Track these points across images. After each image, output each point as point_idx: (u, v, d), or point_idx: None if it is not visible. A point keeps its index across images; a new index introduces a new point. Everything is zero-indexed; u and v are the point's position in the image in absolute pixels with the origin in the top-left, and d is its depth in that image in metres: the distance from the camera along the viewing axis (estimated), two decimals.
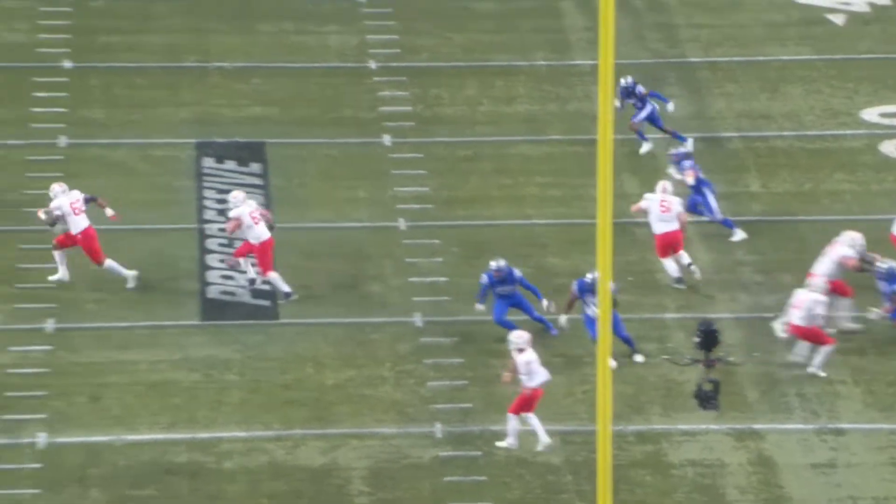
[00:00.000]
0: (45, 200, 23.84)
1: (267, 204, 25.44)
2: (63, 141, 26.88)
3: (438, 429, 21.03)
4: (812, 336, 21.94)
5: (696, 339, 20.99)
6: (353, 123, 27.67)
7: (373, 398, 21.62)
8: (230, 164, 26.59)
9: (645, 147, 26.64)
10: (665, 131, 26.60)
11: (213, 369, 22.11)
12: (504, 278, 22.38)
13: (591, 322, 21.86)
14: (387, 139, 27.26)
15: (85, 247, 23.21)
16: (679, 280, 23.68)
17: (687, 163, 25.04)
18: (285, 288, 23.27)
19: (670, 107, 26.85)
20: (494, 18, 30.74)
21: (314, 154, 26.95)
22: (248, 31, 29.97)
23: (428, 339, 22.76)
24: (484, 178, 26.46)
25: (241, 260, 23.51)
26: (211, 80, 28.62)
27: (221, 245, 24.69)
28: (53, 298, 23.28)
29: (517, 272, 22.46)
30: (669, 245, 23.64)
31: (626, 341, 22.09)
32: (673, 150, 25.59)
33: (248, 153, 26.84)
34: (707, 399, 20.98)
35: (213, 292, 23.59)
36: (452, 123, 27.79)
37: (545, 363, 20.67)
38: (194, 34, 29.81)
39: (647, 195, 23.81)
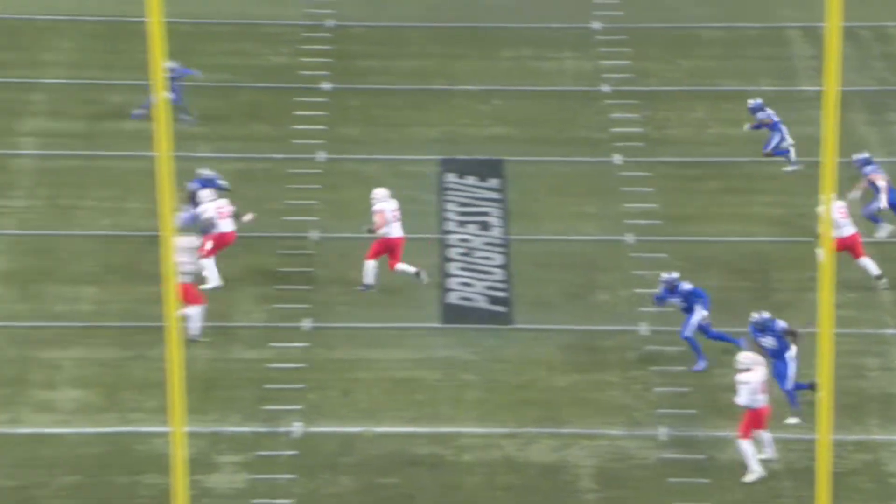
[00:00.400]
0: (303, 210, 24.57)
1: (504, 216, 25.80)
2: (321, 156, 27.62)
3: (663, 432, 21.09)
4: None
5: None
6: (586, 143, 27.85)
7: (601, 401, 21.76)
8: (471, 180, 27.03)
9: (791, 167, 26.32)
10: (767, 154, 26.16)
11: (452, 369, 22.51)
12: (672, 290, 22.23)
13: (779, 371, 21.16)
14: (617, 158, 27.36)
15: (219, 243, 23.57)
16: (879, 277, 23.33)
17: (869, 168, 24.71)
18: (412, 269, 23.46)
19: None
20: (722, 45, 30.59)
21: (548, 171, 27.21)
22: (490, 57, 30.36)
23: (653, 347, 22.80)
24: (710, 196, 26.38)
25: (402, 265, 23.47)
26: (456, 102, 29.11)
27: (461, 254, 25.15)
28: (309, 300, 23.95)
29: (684, 285, 22.15)
30: (848, 248, 23.30)
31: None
32: (854, 156, 25.19)
33: (487, 169, 27.24)
34: None
35: (452, 298, 24.03)
36: (680, 144, 27.76)
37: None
38: (442, 59, 30.32)
39: (819, 209, 23.43)
